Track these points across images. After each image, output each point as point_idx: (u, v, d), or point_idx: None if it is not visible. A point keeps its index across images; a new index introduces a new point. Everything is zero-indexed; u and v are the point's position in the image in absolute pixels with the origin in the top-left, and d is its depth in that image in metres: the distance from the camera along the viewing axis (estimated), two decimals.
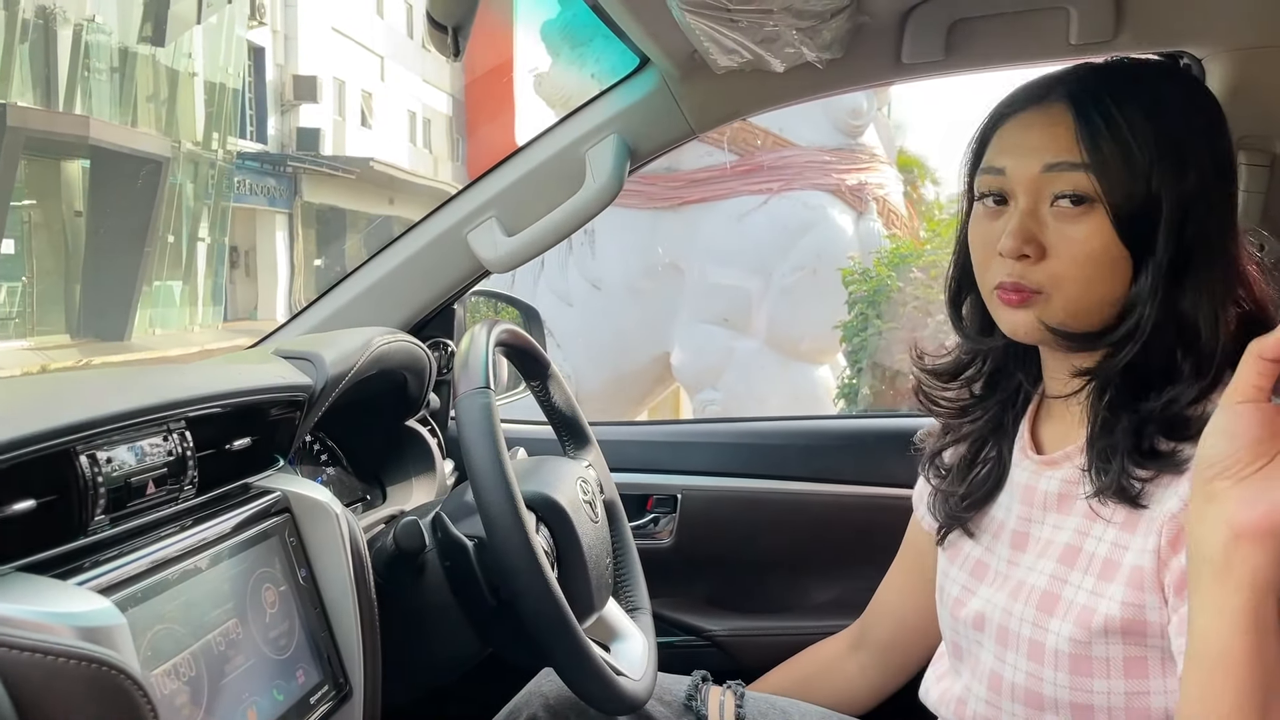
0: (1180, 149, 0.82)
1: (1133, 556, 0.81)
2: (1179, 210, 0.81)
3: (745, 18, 1.06)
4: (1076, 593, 0.84)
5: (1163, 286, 0.82)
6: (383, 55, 23.26)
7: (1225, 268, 0.83)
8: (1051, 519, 0.90)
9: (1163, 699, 0.81)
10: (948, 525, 1.01)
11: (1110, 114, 0.82)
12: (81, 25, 14.71)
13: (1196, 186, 0.82)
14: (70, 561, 0.71)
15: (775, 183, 5.57)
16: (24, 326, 14.55)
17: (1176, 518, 0.78)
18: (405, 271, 1.46)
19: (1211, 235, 0.82)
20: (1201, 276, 0.82)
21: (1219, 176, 0.84)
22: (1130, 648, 0.81)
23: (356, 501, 1.26)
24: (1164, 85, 0.87)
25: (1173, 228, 0.81)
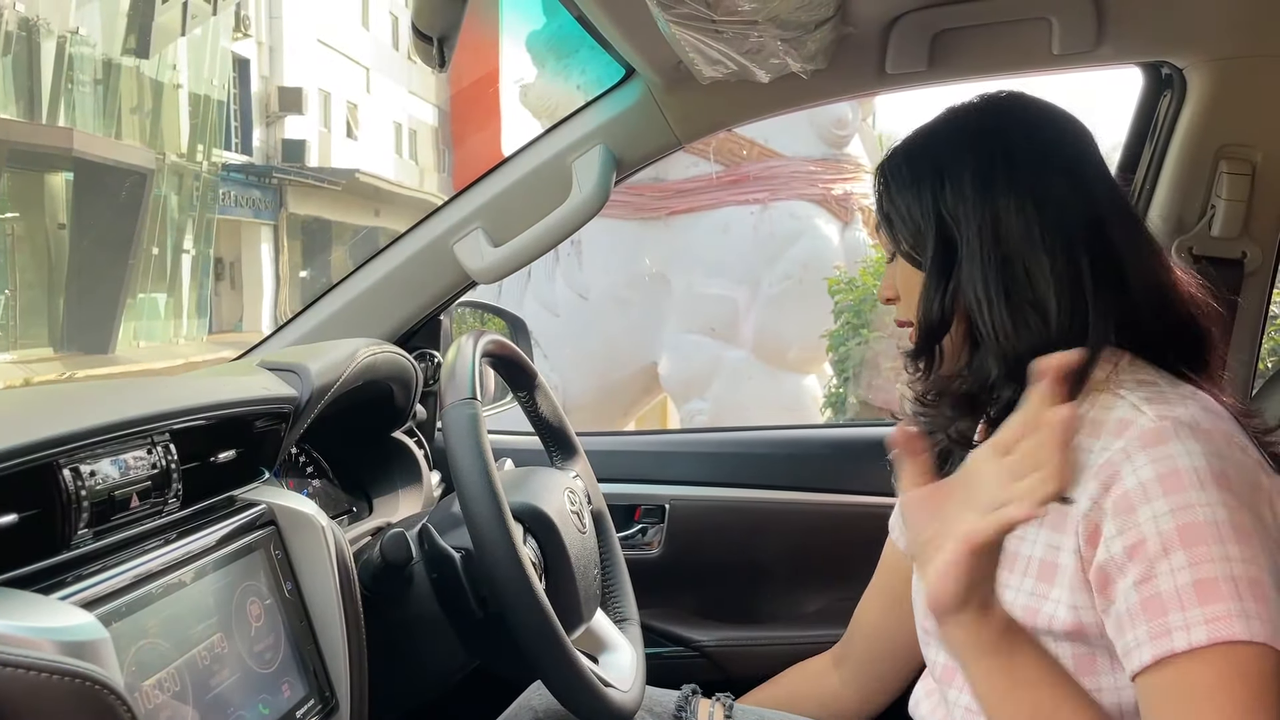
0: (936, 171, 0.91)
1: (1065, 557, 0.83)
2: (940, 225, 0.90)
3: (730, 29, 1.07)
4: (1017, 595, 0.86)
5: (930, 292, 0.91)
6: (368, 67, 23.25)
7: (997, 263, 0.88)
8: None
9: (1114, 695, 0.83)
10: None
11: (887, 173, 0.96)
12: (65, 37, 14.65)
13: (955, 198, 0.90)
14: (53, 576, 0.70)
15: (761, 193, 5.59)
16: (7, 340, 14.44)
17: (1089, 516, 0.81)
18: (391, 283, 1.45)
19: (975, 236, 0.88)
20: (970, 277, 0.89)
21: (986, 184, 0.89)
22: (1078, 646, 0.83)
23: (343, 514, 1.25)
24: (939, 125, 0.96)
25: (934, 241, 0.91)
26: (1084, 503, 0.81)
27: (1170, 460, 0.78)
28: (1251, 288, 1.43)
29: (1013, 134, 0.92)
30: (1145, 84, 1.48)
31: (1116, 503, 0.79)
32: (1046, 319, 0.86)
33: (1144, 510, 0.77)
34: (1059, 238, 0.87)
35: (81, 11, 15.17)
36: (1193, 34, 1.34)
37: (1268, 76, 1.36)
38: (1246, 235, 1.41)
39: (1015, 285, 0.87)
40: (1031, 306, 0.86)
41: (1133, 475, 0.78)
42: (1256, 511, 0.78)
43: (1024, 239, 0.87)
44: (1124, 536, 0.78)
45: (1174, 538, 0.75)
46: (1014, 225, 0.88)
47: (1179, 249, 1.43)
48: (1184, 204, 1.43)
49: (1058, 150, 0.91)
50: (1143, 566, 0.76)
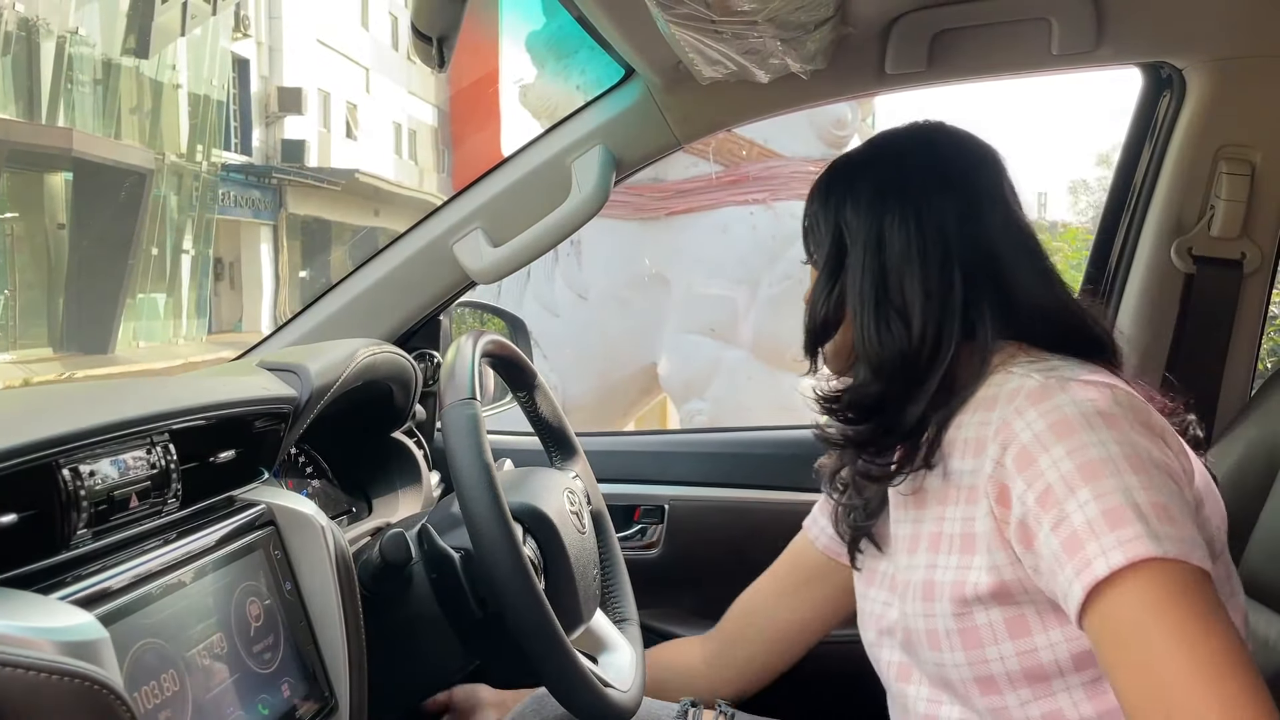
0: (842, 188, 0.99)
1: (980, 524, 0.87)
2: (836, 234, 0.99)
3: (730, 29, 1.07)
4: (945, 572, 0.90)
5: (817, 295, 1.00)
6: (368, 67, 23.25)
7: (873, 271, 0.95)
8: (912, 515, 0.97)
9: (1050, 652, 0.86)
10: (855, 540, 1.06)
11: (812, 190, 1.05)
12: (65, 37, 14.65)
13: (852, 212, 0.98)
14: (52, 576, 0.70)
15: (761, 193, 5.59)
16: (6, 340, 14.44)
17: (994, 477, 0.85)
18: (391, 283, 1.45)
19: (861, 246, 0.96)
20: (851, 283, 0.96)
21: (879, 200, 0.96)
22: (1007, 609, 0.87)
23: (342, 514, 1.25)
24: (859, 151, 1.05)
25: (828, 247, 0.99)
26: (988, 466, 0.86)
27: (1059, 410, 0.83)
28: (1251, 288, 1.43)
29: (916, 157, 0.99)
30: (1145, 84, 1.48)
31: (1017, 458, 0.83)
32: (909, 327, 0.93)
33: (1043, 459, 0.81)
34: (935, 253, 0.93)
35: (81, 11, 15.17)
36: (1192, 35, 1.34)
37: (1267, 77, 1.36)
38: (1246, 236, 1.41)
39: (887, 294, 0.94)
40: (898, 314, 0.93)
41: (1026, 430, 0.83)
42: (1150, 444, 0.82)
43: (902, 252, 0.94)
44: (1033, 489, 0.82)
45: (1075, 477, 0.80)
46: (895, 239, 0.94)
47: (1178, 249, 1.44)
48: (1183, 204, 1.43)
49: (956, 175, 0.97)
50: (1054, 511, 0.80)
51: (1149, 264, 1.46)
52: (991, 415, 0.88)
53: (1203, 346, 1.45)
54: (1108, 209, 1.55)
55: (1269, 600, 1.15)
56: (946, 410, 0.93)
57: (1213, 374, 1.45)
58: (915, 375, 0.93)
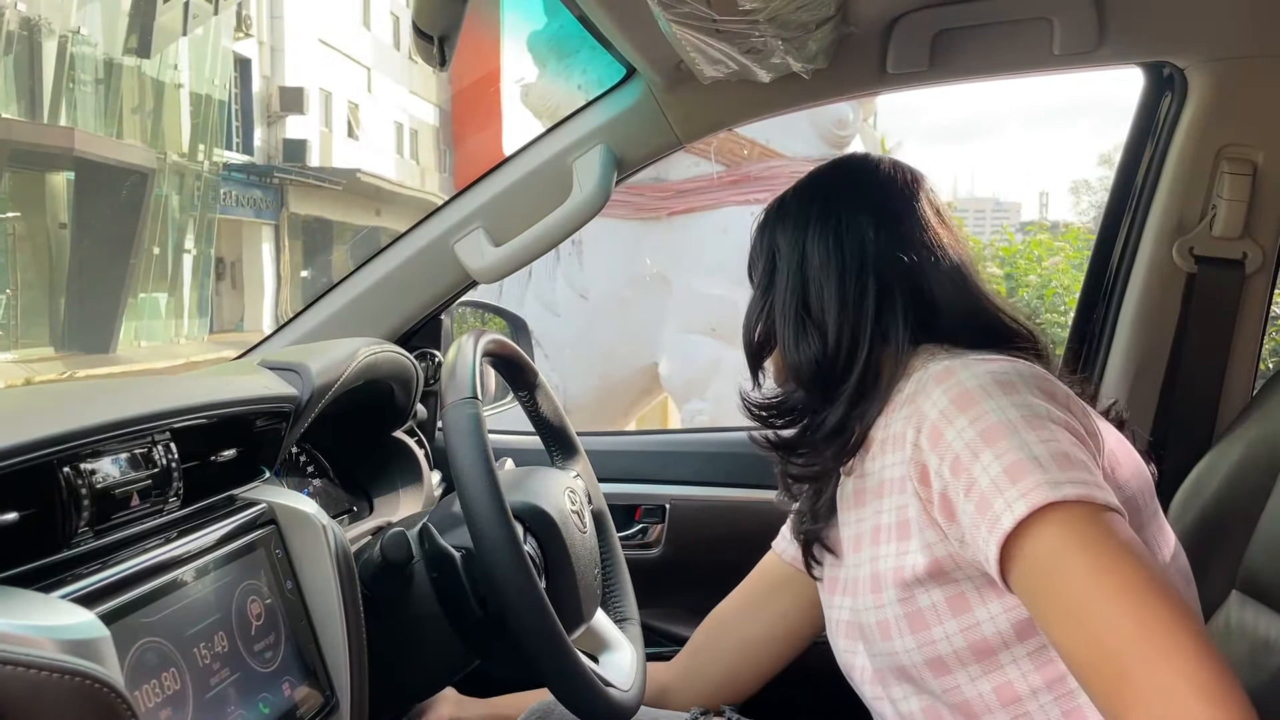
0: (779, 212, 1.06)
1: (911, 509, 0.90)
2: (769, 254, 1.05)
3: (731, 28, 1.07)
4: (886, 561, 0.93)
5: (750, 310, 1.07)
6: (369, 67, 23.25)
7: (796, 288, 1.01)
8: (854, 515, 1.00)
9: (992, 625, 0.87)
10: (807, 544, 1.09)
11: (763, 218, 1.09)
12: (66, 37, 14.66)
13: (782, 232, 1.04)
14: (53, 574, 0.70)
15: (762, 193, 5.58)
16: (8, 339, 14.45)
17: (913, 459, 0.88)
18: (392, 282, 1.45)
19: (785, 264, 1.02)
20: (777, 298, 1.03)
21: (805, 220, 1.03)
22: (946, 588, 0.89)
23: (343, 513, 1.25)
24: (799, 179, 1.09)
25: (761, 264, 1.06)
26: (907, 450, 0.89)
27: (959, 384, 0.87)
28: (1252, 288, 1.43)
29: (839, 181, 1.06)
30: (1146, 84, 1.48)
31: (929, 436, 0.86)
32: (825, 336, 0.98)
33: (949, 431, 0.85)
34: (853, 265, 0.99)
35: (83, 11, 15.18)
36: (1194, 34, 1.34)
37: (1269, 77, 1.36)
38: (1247, 236, 1.41)
39: (807, 307, 1.00)
40: (815, 325, 0.99)
41: (933, 408, 0.87)
42: (1048, 405, 0.85)
43: (822, 265, 1.00)
44: (945, 461, 0.85)
45: (977, 442, 0.83)
46: (815, 254, 1.00)
47: (1180, 249, 1.43)
48: (1185, 204, 1.43)
49: (873, 193, 1.03)
50: (964, 477, 0.83)
51: (1150, 264, 1.46)
52: (910, 409, 0.91)
53: (1204, 346, 1.45)
54: (1109, 209, 1.55)
55: (1270, 600, 1.15)
56: (869, 411, 0.97)
57: (1214, 374, 1.44)
58: (832, 380, 0.98)
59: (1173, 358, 1.45)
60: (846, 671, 1.05)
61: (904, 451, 0.90)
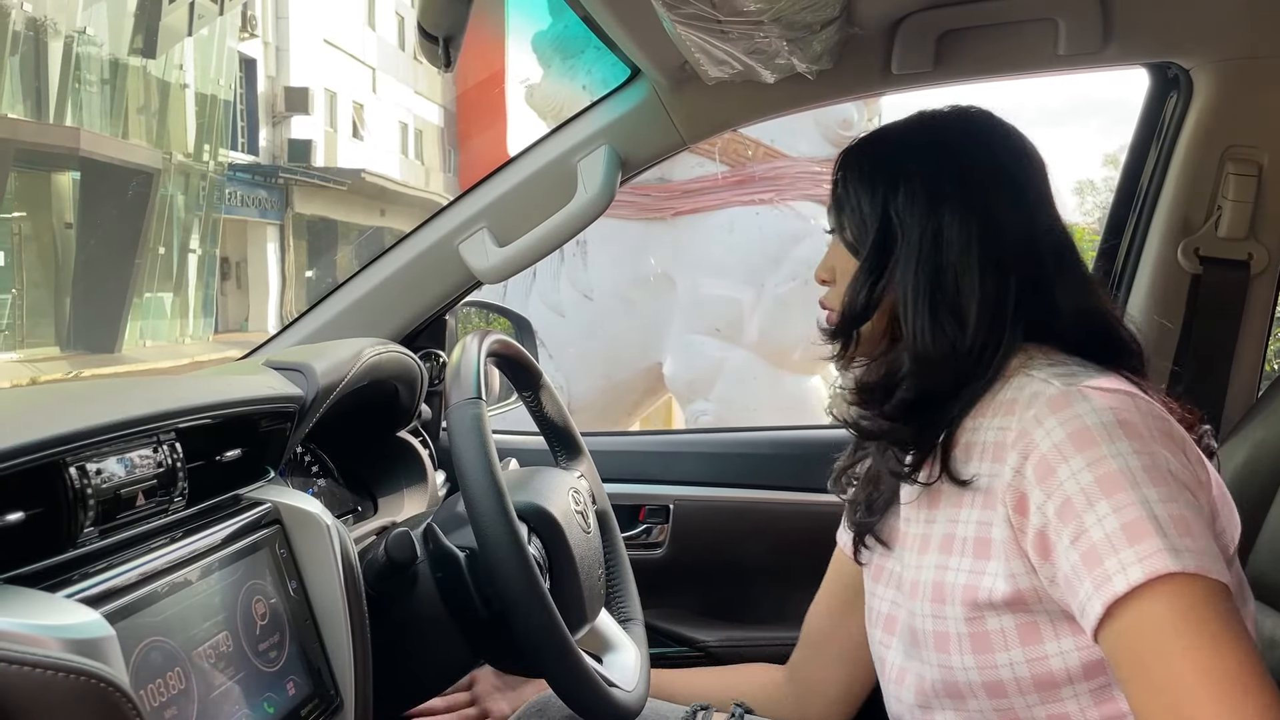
0: (893, 174, 0.95)
1: (997, 530, 0.87)
2: (884, 223, 0.95)
3: (735, 29, 1.07)
4: (957, 575, 0.90)
5: (861, 285, 0.96)
6: (374, 67, 23.28)
7: (930, 270, 0.93)
8: (924, 515, 0.96)
9: (1061, 660, 0.85)
10: (859, 535, 1.06)
11: (848, 162, 1.01)
12: (72, 37, 14.70)
13: (905, 201, 0.94)
14: (59, 574, 0.70)
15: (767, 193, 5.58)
16: (13, 339, 14.49)
17: (1013, 485, 0.85)
18: (397, 282, 1.46)
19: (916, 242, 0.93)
20: (903, 279, 0.94)
21: (938, 192, 0.94)
22: (1020, 615, 0.86)
23: (348, 513, 1.25)
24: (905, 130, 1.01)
25: (874, 237, 0.95)
26: (1007, 474, 0.85)
27: (1078, 419, 0.82)
28: (1258, 289, 1.43)
29: (971, 152, 0.97)
30: (1151, 85, 1.48)
31: (1036, 468, 0.83)
32: (963, 328, 0.91)
33: (1063, 470, 0.81)
34: (992, 255, 0.92)
35: (88, 11, 15.22)
36: (1199, 35, 1.33)
37: (1275, 78, 1.36)
38: (1253, 237, 1.41)
39: (942, 293, 0.92)
40: (952, 314, 0.92)
41: (1046, 439, 0.83)
42: (1170, 455, 0.81)
43: (960, 252, 0.92)
44: (1052, 500, 0.81)
45: (1095, 490, 0.79)
46: (953, 238, 0.92)
47: (1185, 250, 1.43)
48: (1190, 205, 1.43)
49: (1009, 175, 0.96)
50: (1074, 524, 0.79)
51: (1156, 265, 1.46)
52: (1011, 420, 0.87)
53: (1209, 347, 1.44)
54: (1114, 209, 1.55)
55: (1276, 601, 1.15)
56: (970, 410, 0.92)
57: (1219, 375, 1.44)
58: (963, 375, 0.92)
59: (1177, 359, 1.45)
60: (878, 663, 1.04)
61: (999, 470, 0.86)
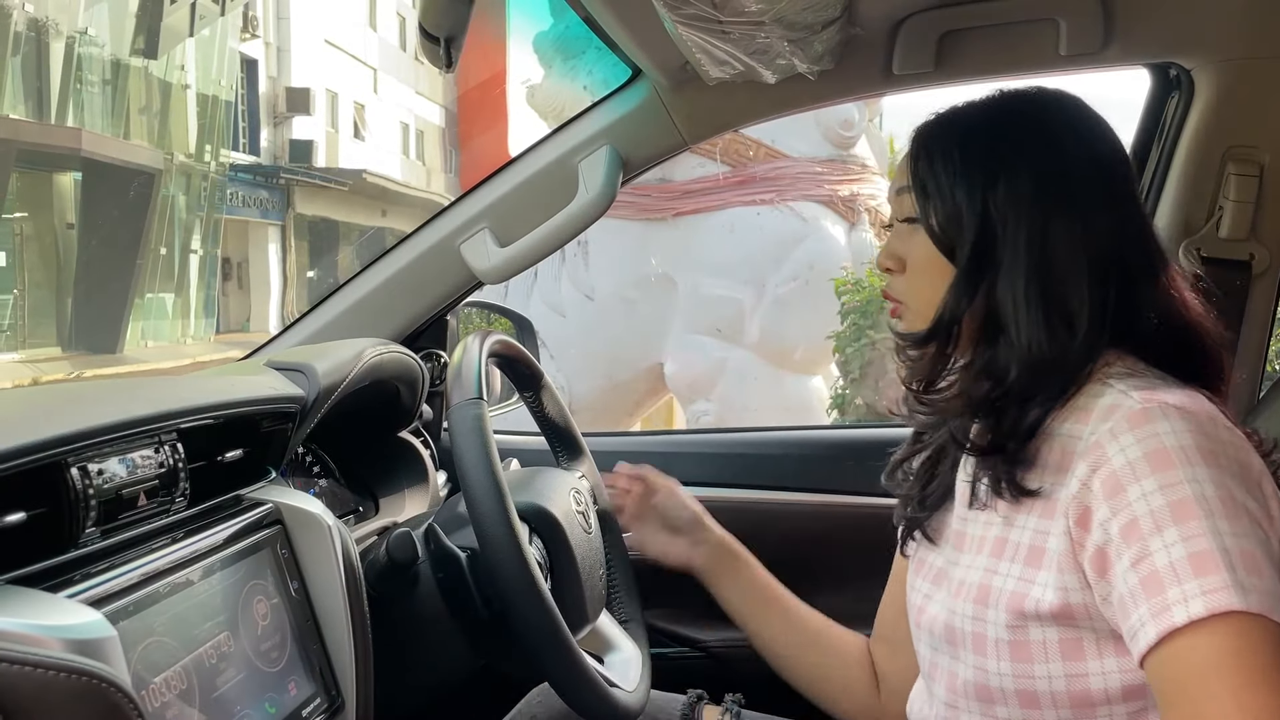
0: (992, 165, 0.89)
1: (1054, 541, 0.84)
2: (983, 220, 0.88)
3: (737, 29, 1.07)
4: (1005, 580, 0.87)
5: (963, 289, 0.89)
6: (375, 68, 23.29)
7: (1040, 273, 0.87)
8: (982, 516, 0.93)
9: (1101, 680, 0.83)
10: (908, 530, 1.04)
11: (932, 143, 0.93)
12: (74, 38, 14.71)
13: (1007, 197, 0.88)
14: (61, 574, 0.70)
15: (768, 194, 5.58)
16: (15, 339, 14.50)
17: (1078, 497, 0.82)
18: (398, 283, 1.46)
19: (1023, 242, 0.87)
20: (1008, 281, 0.88)
21: (1042, 189, 0.88)
22: (1065, 630, 0.84)
23: (349, 513, 1.25)
24: (998, 114, 0.94)
25: (974, 236, 0.89)
26: (1073, 485, 0.82)
27: (1157, 439, 0.79)
28: (1259, 290, 1.43)
29: (1074, 146, 0.91)
30: (1153, 85, 1.47)
31: (1105, 483, 0.80)
32: (1073, 332, 0.87)
33: (1133, 489, 0.78)
34: (1098, 256, 0.88)
35: (90, 12, 15.23)
36: (1201, 35, 1.33)
37: (1276, 78, 1.36)
38: (1254, 237, 1.41)
39: (1051, 296, 0.87)
40: (1061, 318, 0.87)
41: (1120, 455, 0.80)
42: (1246, 489, 0.78)
43: (1069, 254, 0.87)
44: (1118, 518, 0.79)
45: (1165, 514, 0.76)
46: (1061, 239, 0.87)
47: (1186, 250, 1.43)
48: (1191, 205, 1.43)
49: (1108, 171, 0.91)
50: (1138, 546, 0.77)
51: None
52: (1082, 429, 0.85)
53: None
54: None
55: None
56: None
57: None
58: (1066, 380, 0.87)
59: None
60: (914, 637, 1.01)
61: (1064, 479, 0.84)
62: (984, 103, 0.95)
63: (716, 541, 1.27)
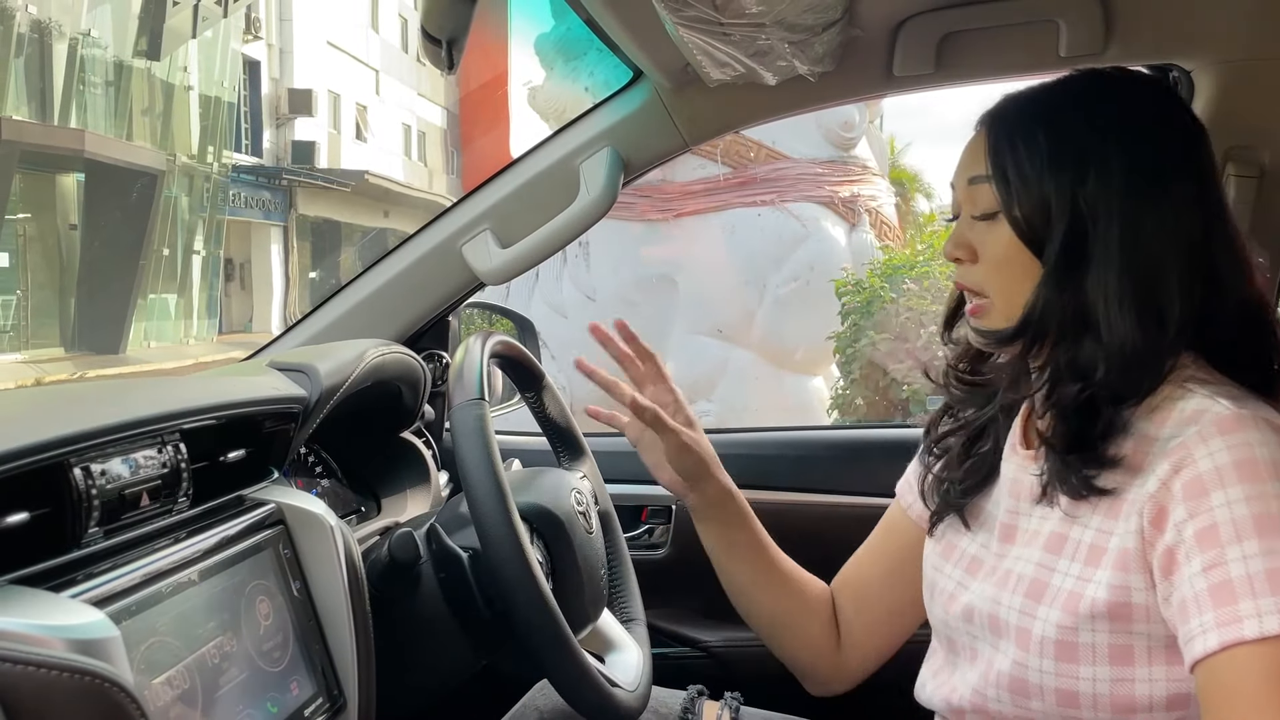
0: (1080, 156, 0.85)
1: (1118, 540, 0.82)
2: (1073, 214, 0.85)
3: (737, 31, 1.07)
4: (1064, 579, 0.86)
5: (1053, 286, 0.86)
6: (377, 69, 23.31)
7: (1132, 268, 0.84)
8: (1038, 510, 0.91)
9: (1147, 686, 0.82)
10: (941, 512, 1.01)
11: (1012, 130, 0.88)
12: (77, 39, 14.73)
13: (1098, 191, 0.84)
14: (64, 574, 0.71)
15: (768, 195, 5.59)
16: (18, 340, 14.52)
17: (1155, 497, 0.80)
18: (400, 284, 1.46)
19: (1115, 237, 0.84)
20: (1099, 276, 0.84)
21: (1134, 182, 0.85)
22: (1116, 635, 0.83)
23: (351, 513, 1.26)
24: (1081, 99, 0.90)
25: (1063, 230, 0.85)
26: (1150, 484, 0.80)
27: (1248, 448, 0.77)
28: None
29: (1166, 136, 0.88)
30: None
31: (1187, 486, 0.78)
32: (1164, 327, 0.84)
33: (1217, 495, 0.77)
34: (1188, 246, 0.85)
35: (93, 14, 15.26)
36: (1200, 37, 1.33)
37: (1276, 79, 1.36)
38: (1253, 239, 1.41)
39: (1144, 290, 0.84)
40: (1153, 316, 0.84)
41: (1208, 459, 0.78)
42: None
43: (1162, 245, 0.84)
44: (1195, 521, 0.77)
45: (1248, 525, 0.75)
46: (1153, 230, 0.84)
47: None
48: None
49: (1197, 164, 0.88)
50: (1213, 553, 0.75)
51: None
52: (1159, 430, 0.83)
53: None
54: None
55: None
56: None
57: None
58: (1155, 379, 0.85)
59: None
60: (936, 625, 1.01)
61: (1139, 480, 0.82)
62: (1065, 85, 0.92)
63: (715, 493, 1.19)
